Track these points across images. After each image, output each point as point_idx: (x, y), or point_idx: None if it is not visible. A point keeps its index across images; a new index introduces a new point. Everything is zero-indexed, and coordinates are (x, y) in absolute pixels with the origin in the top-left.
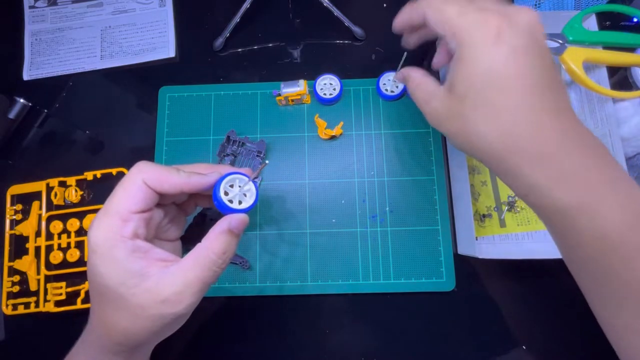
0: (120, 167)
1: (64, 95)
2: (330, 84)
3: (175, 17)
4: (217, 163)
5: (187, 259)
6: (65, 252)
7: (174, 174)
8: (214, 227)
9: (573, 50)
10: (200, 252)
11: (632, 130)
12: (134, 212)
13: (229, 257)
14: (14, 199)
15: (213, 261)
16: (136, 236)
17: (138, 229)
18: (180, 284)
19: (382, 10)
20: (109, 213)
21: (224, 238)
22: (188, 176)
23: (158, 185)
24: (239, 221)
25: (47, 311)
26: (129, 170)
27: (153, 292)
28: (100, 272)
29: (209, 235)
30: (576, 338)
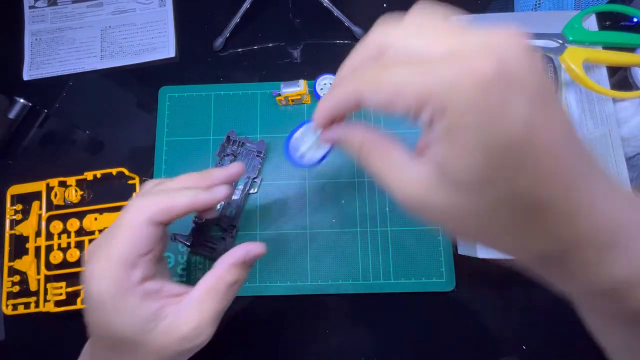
0: (121, 167)
1: (64, 95)
2: (330, 84)
3: (175, 17)
4: (217, 163)
5: (199, 290)
6: (65, 252)
7: (180, 199)
8: (225, 256)
9: (573, 50)
10: (213, 283)
11: (632, 130)
12: (141, 256)
13: (241, 285)
14: (14, 199)
15: (225, 292)
16: (145, 279)
17: (146, 271)
18: (196, 319)
19: (382, 10)
20: (112, 260)
21: (236, 270)
22: (195, 195)
23: (166, 217)
24: (255, 254)
25: (47, 311)
26: (126, 208)
27: (171, 332)
28: (112, 326)
29: (221, 263)
30: (576, 338)
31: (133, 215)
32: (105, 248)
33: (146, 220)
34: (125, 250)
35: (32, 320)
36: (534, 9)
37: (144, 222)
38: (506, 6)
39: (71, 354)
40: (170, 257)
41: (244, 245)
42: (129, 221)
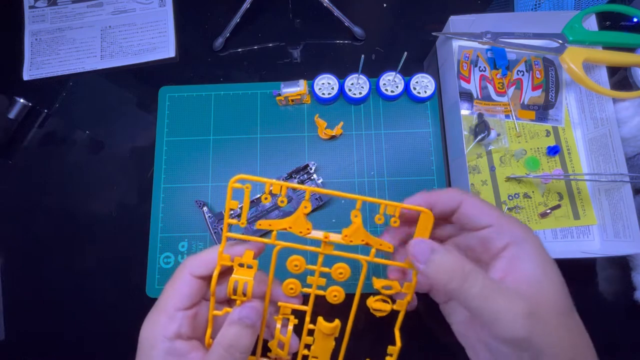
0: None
1: (64, 95)
2: (328, 84)
3: (175, 17)
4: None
5: (205, 356)
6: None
7: (214, 250)
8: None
9: (573, 50)
10: (212, 347)
11: (632, 131)
12: (179, 310)
13: (242, 351)
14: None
15: (222, 356)
16: (179, 336)
17: (182, 327)
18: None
19: (382, 10)
20: (157, 309)
21: (232, 330)
22: (228, 247)
23: (203, 269)
24: (249, 310)
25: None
26: (179, 266)
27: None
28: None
29: (224, 325)
30: None
31: (179, 269)
32: (158, 299)
33: (187, 272)
34: (167, 299)
35: (32, 320)
36: (534, 9)
37: (186, 275)
38: (506, 6)
39: (71, 354)
40: (170, 257)
41: (239, 307)
42: (175, 274)
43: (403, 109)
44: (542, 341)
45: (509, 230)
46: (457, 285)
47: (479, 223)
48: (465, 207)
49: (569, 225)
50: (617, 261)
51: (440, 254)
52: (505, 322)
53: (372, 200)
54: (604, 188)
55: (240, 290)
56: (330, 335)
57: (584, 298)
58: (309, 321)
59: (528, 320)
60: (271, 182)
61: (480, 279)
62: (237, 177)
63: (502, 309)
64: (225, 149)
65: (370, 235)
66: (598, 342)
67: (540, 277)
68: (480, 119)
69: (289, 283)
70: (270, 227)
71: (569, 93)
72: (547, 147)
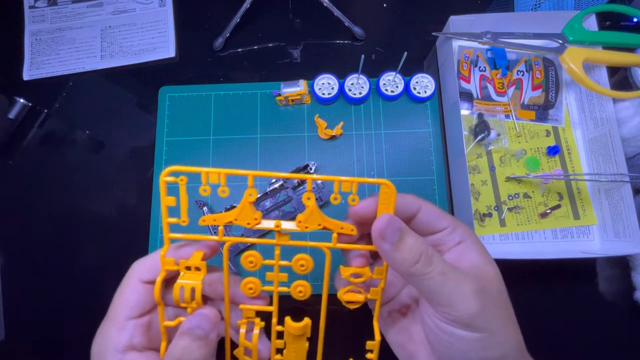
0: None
1: (64, 95)
2: (328, 84)
3: (175, 17)
4: (264, 193)
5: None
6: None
7: (161, 253)
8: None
9: (573, 50)
10: (165, 357)
11: (632, 131)
12: (130, 319)
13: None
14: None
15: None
16: (131, 348)
17: (134, 338)
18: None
19: (382, 10)
20: (106, 320)
21: (182, 342)
22: (175, 248)
23: (155, 275)
24: (201, 318)
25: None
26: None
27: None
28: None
29: (176, 335)
30: (573, 336)
31: (127, 275)
32: (108, 309)
33: (135, 278)
34: (115, 309)
35: (32, 320)
36: (534, 9)
37: (134, 281)
38: (506, 6)
39: (71, 354)
40: None
41: (189, 317)
42: (123, 282)
43: (403, 109)
44: (490, 315)
45: (460, 231)
46: (423, 267)
47: (436, 226)
48: (425, 212)
49: (569, 225)
50: (617, 261)
51: (409, 235)
52: (461, 298)
53: (324, 178)
54: (604, 188)
55: (187, 297)
56: (301, 335)
57: (584, 298)
58: (276, 322)
59: (479, 296)
60: (207, 170)
61: (441, 261)
62: (168, 169)
63: (458, 287)
64: (225, 149)
65: (328, 218)
66: (598, 342)
67: (484, 263)
68: (480, 119)
69: (247, 282)
70: (215, 222)
71: (569, 93)
72: (547, 147)
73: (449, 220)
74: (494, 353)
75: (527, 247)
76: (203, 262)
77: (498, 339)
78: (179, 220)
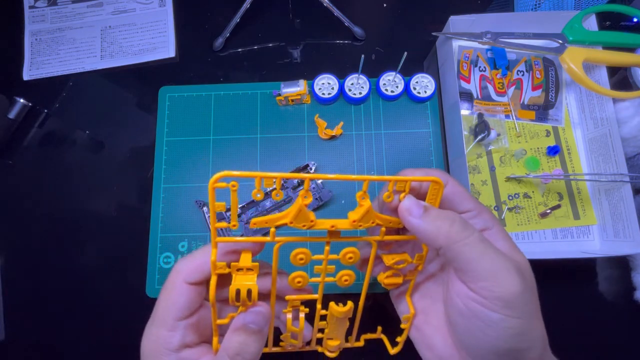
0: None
1: (64, 95)
2: (328, 84)
3: (175, 17)
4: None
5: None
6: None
7: (208, 253)
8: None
9: (573, 50)
10: (218, 355)
11: (632, 131)
12: (179, 320)
13: (250, 358)
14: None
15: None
16: (184, 346)
17: (186, 337)
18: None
19: (382, 10)
20: (155, 323)
21: (237, 337)
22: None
23: (199, 276)
24: (256, 315)
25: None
26: (170, 272)
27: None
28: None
29: (228, 330)
30: (573, 336)
31: (171, 276)
32: (154, 310)
33: (181, 281)
34: (163, 311)
35: (32, 320)
36: (534, 9)
37: (180, 283)
38: (506, 6)
39: (71, 354)
40: (170, 257)
41: (244, 313)
42: (168, 282)
43: (403, 109)
44: (528, 299)
45: (485, 217)
46: (459, 229)
47: (459, 207)
48: (450, 189)
49: (569, 225)
50: (617, 261)
51: (433, 209)
52: (505, 273)
53: (381, 178)
54: (604, 188)
55: (244, 298)
56: (344, 318)
57: (584, 298)
58: (320, 308)
59: (521, 275)
60: (261, 175)
61: (477, 231)
62: (219, 174)
63: (500, 261)
64: (225, 149)
65: (380, 215)
66: (598, 342)
67: (514, 252)
68: (480, 119)
69: (295, 276)
70: (267, 224)
71: (569, 93)
72: (547, 147)
73: (473, 203)
74: (524, 344)
75: (527, 247)
76: (255, 263)
77: (531, 327)
78: (229, 224)
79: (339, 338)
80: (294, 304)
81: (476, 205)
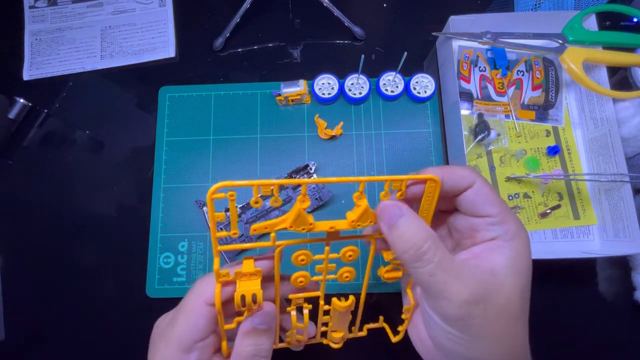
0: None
1: (64, 95)
2: (328, 84)
3: (175, 17)
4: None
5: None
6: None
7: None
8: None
9: (573, 50)
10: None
11: (632, 131)
12: (196, 342)
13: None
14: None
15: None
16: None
17: (200, 357)
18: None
19: (382, 10)
20: (170, 343)
21: (249, 341)
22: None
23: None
24: (263, 316)
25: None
26: (189, 290)
27: None
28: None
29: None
30: (573, 336)
31: (192, 298)
32: (167, 329)
33: (203, 303)
34: (182, 334)
35: (32, 320)
36: (534, 9)
37: (201, 305)
38: (506, 6)
39: (71, 354)
40: (170, 257)
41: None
42: (188, 303)
43: (403, 109)
44: (476, 323)
45: (504, 227)
46: (410, 259)
47: (481, 211)
48: (475, 190)
49: (569, 225)
50: (617, 261)
51: (406, 220)
52: (445, 302)
53: (377, 179)
54: (604, 188)
55: (249, 302)
56: (346, 312)
57: (584, 298)
58: (322, 304)
59: (468, 306)
60: (258, 183)
61: (434, 259)
62: (216, 185)
63: (446, 291)
64: (225, 149)
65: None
66: (598, 342)
67: (505, 273)
68: (480, 119)
69: (297, 276)
70: (267, 229)
71: (569, 93)
72: (547, 147)
73: (497, 209)
74: (466, 353)
75: None
76: (258, 268)
77: (475, 345)
78: (229, 233)
79: (343, 331)
80: (297, 301)
81: (501, 212)
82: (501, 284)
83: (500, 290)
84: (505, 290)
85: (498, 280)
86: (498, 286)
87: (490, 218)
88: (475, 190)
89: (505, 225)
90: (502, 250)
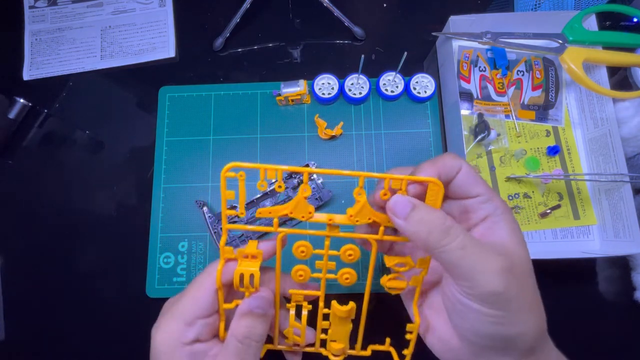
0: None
1: (64, 95)
2: (328, 84)
3: (175, 17)
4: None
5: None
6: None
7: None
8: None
9: (573, 50)
10: (227, 340)
11: (632, 131)
12: (199, 318)
13: (257, 340)
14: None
15: (239, 348)
16: (197, 340)
17: (201, 334)
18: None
19: (382, 10)
20: (174, 316)
21: (244, 322)
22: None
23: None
24: (260, 300)
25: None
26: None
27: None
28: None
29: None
30: (573, 336)
31: (202, 276)
32: (175, 304)
33: (211, 282)
34: (187, 307)
35: (32, 320)
36: (534, 9)
37: (209, 284)
38: (506, 6)
39: (71, 354)
40: (170, 257)
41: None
42: (197, 281)
43: (403, 109)
44: (513, 296)
45: (495, 204)
46: (437, 238)
47: (472, 192)
48: (463, 174)
49: (569, 225)
50: (617, 261)
51: (422, 206)
52: (484, 276)
53: (376, 175)
54: (604, 188)
55: (247, 283)
56: (346, 318)
57: (584, 298)
58: (322, 306)
59: (504, 275)
60: (265, 167)
61: (461, 234)
62: (230, 165)
63: (481, 263)
64: (225, 149)
65: (377, 212)
66: (598, 342)
67: (514, 242)
68: (480, 119)
69: (297, 270)
70: (270, 214)
71: (569, 93)
72: (547, 147)
73: (484, 188)
74: (508, 332)
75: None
76: (259, 250)
77: (515, 319)
78: (237, 212)
79: (343, 341)
80: (297, 298)
81: (486, 191)
82: (515, 253)
83: (518, 260)
84: (521, 259)
85: (512, 251)
86: (515, 257)
87: (480, 197)
88: (464, 173)
89: (494, 201)
90: (501, 225)
